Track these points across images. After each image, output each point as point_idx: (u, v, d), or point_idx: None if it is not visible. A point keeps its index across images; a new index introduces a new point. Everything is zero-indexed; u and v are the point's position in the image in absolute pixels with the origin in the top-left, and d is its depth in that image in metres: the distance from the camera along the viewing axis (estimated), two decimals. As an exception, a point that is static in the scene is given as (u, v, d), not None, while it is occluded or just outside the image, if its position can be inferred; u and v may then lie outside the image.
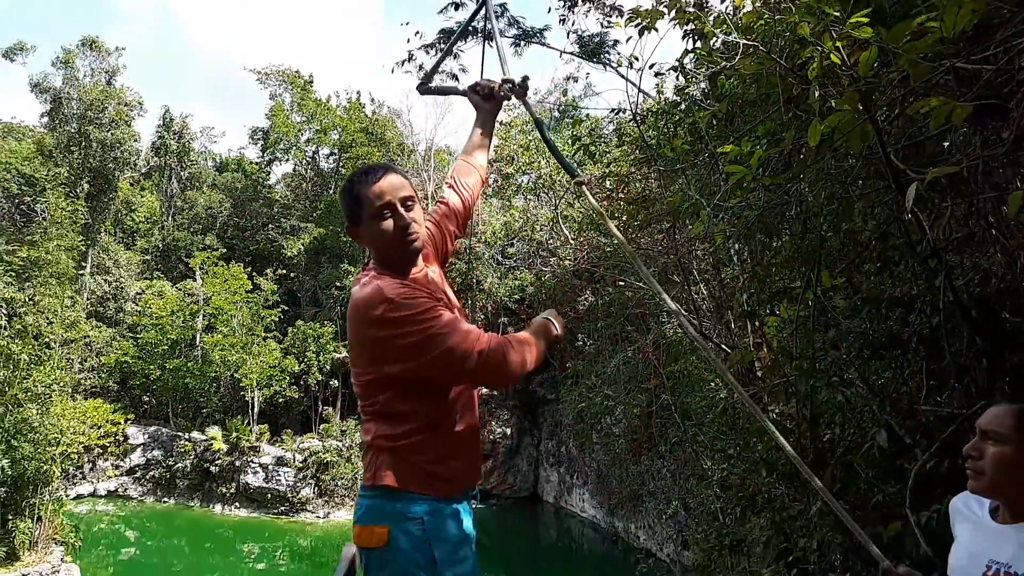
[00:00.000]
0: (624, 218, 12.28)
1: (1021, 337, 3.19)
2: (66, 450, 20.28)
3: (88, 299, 33.81)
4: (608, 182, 14.01)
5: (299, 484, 30.30)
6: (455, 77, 10.91)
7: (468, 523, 2.13)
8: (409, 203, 2.13)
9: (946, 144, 4.01)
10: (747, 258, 9.57)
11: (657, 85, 11.42)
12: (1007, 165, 3.18)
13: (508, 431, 34.54)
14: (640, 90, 5.74)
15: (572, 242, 21.21)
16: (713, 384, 12.60)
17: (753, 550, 7.95)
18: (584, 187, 2.56)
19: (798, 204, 4.09)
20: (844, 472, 3.55)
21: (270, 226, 42.43)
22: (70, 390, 22.05)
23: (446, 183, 2.64)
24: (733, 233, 4.50)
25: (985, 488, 1.94)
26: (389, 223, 2.09)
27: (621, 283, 16.78)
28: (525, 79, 2.68)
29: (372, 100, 45.40)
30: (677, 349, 13.90)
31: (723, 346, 8.02)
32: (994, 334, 3.33)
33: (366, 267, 2.17)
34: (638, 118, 6.15)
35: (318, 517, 29.54)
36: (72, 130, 34.77)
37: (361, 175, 2.16)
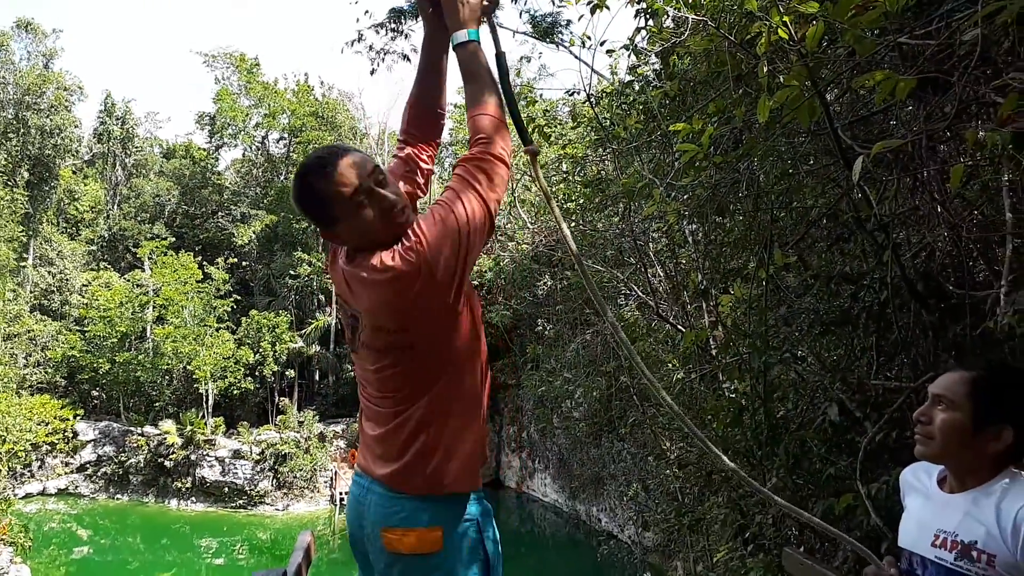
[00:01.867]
0: (581, 201, 12.30)
1: (965, 310, 3.24)
2: (12, 448, 19.68)
3: (31, 292, 32.71)
4: (564, 164, 14.00)
5: (257, 477, 29.90)
6: (406, 58, 10.64)
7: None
8: (380, 176, 1.82)
9: (892, 123, 4.07)
10: (701, 238, 9.67)
11: (611, 65, 11.42)
12: (950, 139, 3.22)
13: (468, 417, 34.53)
14: (593, 70, 5.70)
15: (530, 226, 21.19)
16: (670, 365, 12.75)
17: (711, 528, 8.09)
18: (535, 160, 2.12)
19: (749, 182, 4.11)
20: (798, 447, 3.59)
21: (220, 214, 41.54)
22: (14, 386, 21.35)
23: (399, 137, 2.26)
24: (686, 213, 4.51)
25: (933, 454, 1.94)
26: (369, 211, 1.79)
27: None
28: None
29: (322, 83, 44.86)
30: (634, 331, 14.00)
31: (679, 327, 8.08)
32: (939, 308, 3.39)
33: (353, 256, 1.86)
34: (592, 99, 6.13)
35: (277, 510, 29.21)
36: (9, 116, 33.50)
37: (316, 171, 1.81)
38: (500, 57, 2.12)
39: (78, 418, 30.99)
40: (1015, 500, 1.75)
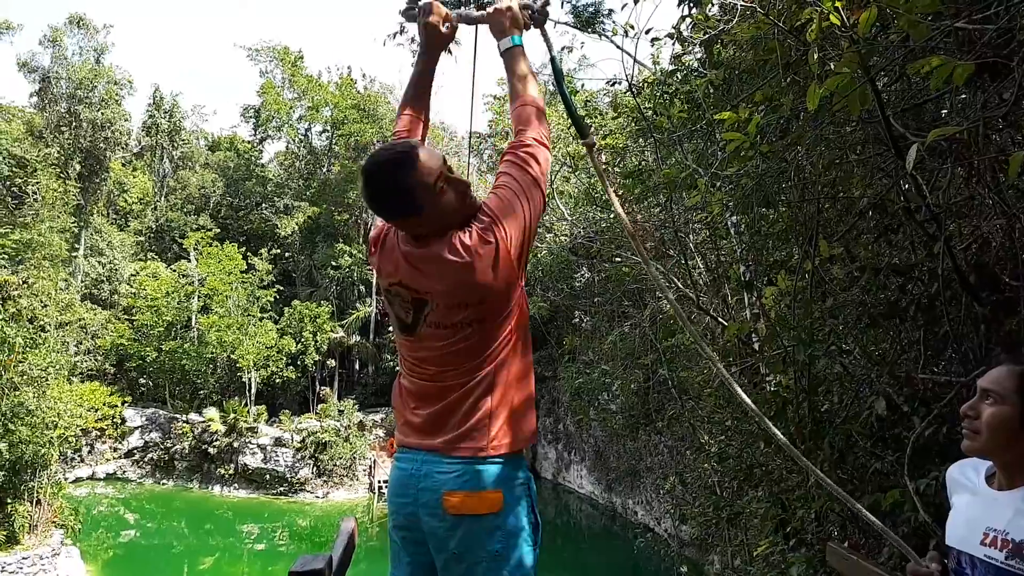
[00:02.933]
0: (620, 192, 12.23)
1: (1019, 303, 3.16)
2: (63, 433, 20.28)
3: (82, 281, 33.68)
4: (604, 155, 13.93)
5: (298, 464, 30.43)
6: (448, 51, 10.70)
7: None
8: (448, 164, 1.96)
9: (944, 112, 3.97)
10: (744, 230, 9.54)
11: (653, 54, 11.29)
12: (1007, 127, 3.13)
13: (506, 409, 34.68)
14: (635, 60, 5.65)
15: (568, 217, 21.13)
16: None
17: (750, 523, 8.00)
18: (592, 151, 2.33)
19: (796, 172, 4.05)
20: (843, 441, 3.53)
21: (263, 205, 42.19)
22: (66, 373, 22.02)
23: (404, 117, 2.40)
24: (730, 203, 4.46)
25: (980, 448, 1.89)
26: (450, 195, 1.92)
27: (618, 259, 16.74)
28: (545, 4, 2.34)
29: (364, 75, 45.24)
30: (673, 324, 13.92)
31: (720, 319, 8.00)
32: (992, 300, 3.31)
33: (423, 240, 1.96)
34: (634, 89, 6.08)
35: (317, 497, 29.70)
36: (62, 110, 34.44)
37: (397, 163, 1.90)
38: (554, 61, 2.46)
39: (126, 405, 31.87)
40: None
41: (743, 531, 8.72)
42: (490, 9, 2.26)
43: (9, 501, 17.96)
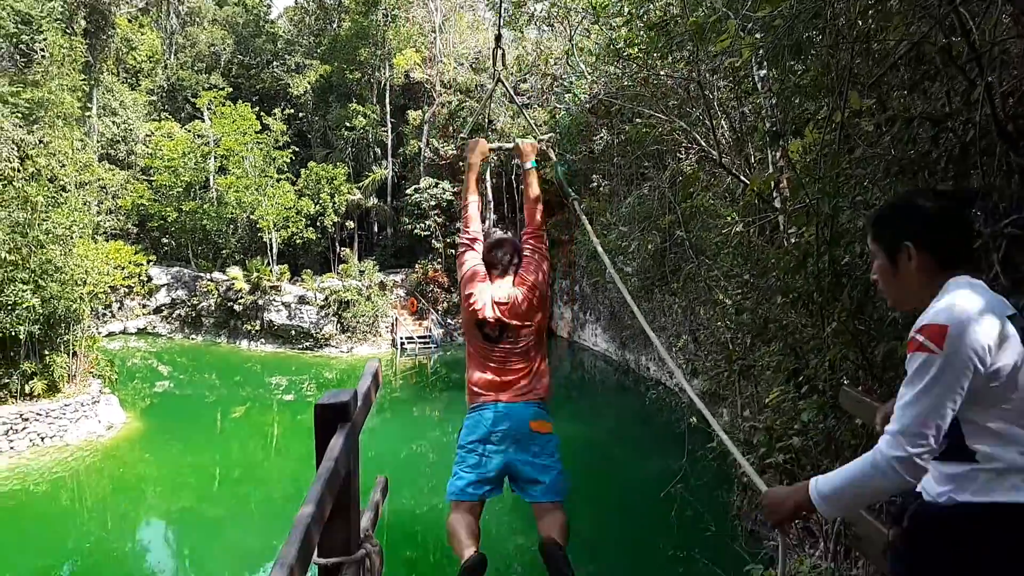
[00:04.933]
0: (643, 46, 11.73)
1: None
2: (93, 289, 20.86)
3: (98, 141, 33.48)
4: (626, 5, 13.25)
5: (322, 321, 31.36)
6: None
7: None
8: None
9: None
10: (770, 83, 9.19)
11: None
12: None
13: (523, 271, 35.13)
14: None
15: (588, 75, 20.41)
16: (728, 219, 12.56)
17: (762, 375, 8.25)
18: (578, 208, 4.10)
19: (831, 12, 3.84)
20: (862, 293, 3.56)
21: (275, 63, 41.05)
22: (90, 232, 22.35)
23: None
24: (761, 48, 4.26)
25: (893, 302, 2.05)
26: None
27: (638, 120, 16.28)
28: (551, 139, 3.87)
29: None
30: (691, 185, 13.75)
31: (741, 177, 7.88)
32: (1029, 150, 3.22)
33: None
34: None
35: (342, 352, 30.81)
36: (61, -40, 32.85)
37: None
38: (557, 167, 4.54)
39: (151, 263, 32.57)
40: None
41: (754, 384, 9.00)
42: (519, 144, 3.83)
43: (47, 353, 18.79)
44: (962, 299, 1.74)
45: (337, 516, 2.32)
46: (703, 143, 9.61)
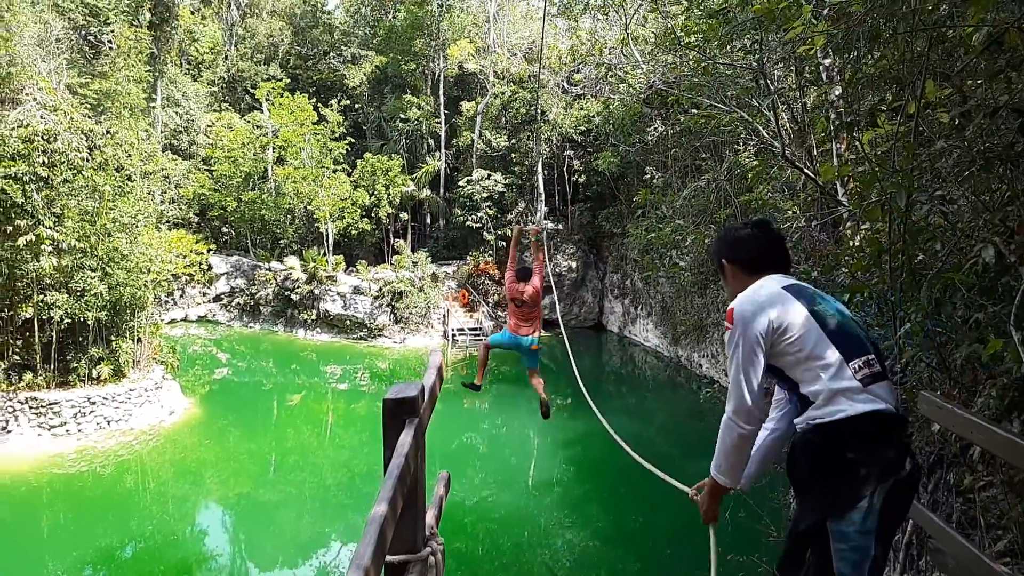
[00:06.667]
0: (701, 35, 11.43)
1: None
2: (156, 277, 21.46)
3: (161, 132, 34.45)
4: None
5: (375, 312, 31.74)
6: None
7: None
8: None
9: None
10: (836, 74, 8.86)
11: None
12: None
13: (573, 264, 34.95)
14: None
15: (644, 66, 20.05)
16: (790, 213, 12.19)
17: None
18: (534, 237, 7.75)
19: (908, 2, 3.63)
20: (940, 292, 3.37)
21: (331, 55, 41.59)
22: (154, 221, 23.01)
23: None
24: (836, 34, 4.06)
25: (729, 301, 2.61)
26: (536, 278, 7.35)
27: (695, 110, 15.92)
28: (547, 224, 6.80)
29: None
30: (750, 179, 13.42)
31: (806, 171, 7.61)
32: None
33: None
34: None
35: (395, 342, 31.13)
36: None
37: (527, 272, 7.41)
38: (542, 233, 8.00)
39: (211, 252, 33.41)
40: None
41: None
42: (537, 227, 8.53)
43: (113, 338, 19.42)
44: (752, 289, 2.50)
45: (406, 514, 2.29)
46: (765, 134, 9.32)
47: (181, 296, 33.53)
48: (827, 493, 2.31)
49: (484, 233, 34.51)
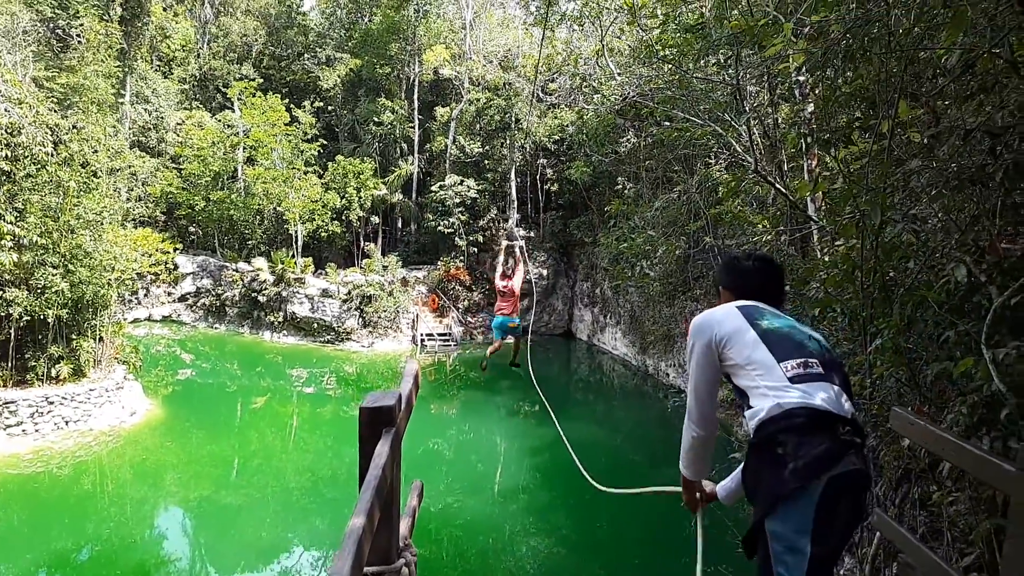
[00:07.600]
0: (675, 48, 11.56)
1: None
2: (120, 276, 21.02)
3: (130, 128, 33.85)
4: (660, 7, 13.11)
5: (344, 315, 31.45)
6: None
7: None
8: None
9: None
10: (809, 91, 9.01)
11: None
12: None
13: (544, 272, 35.04)
14: None
15: (618, 77, 20.23)
16: (760, 226, 12.37)
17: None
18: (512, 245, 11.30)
19: (889, 21, 3.70)
20: (913, 308, 3.43)
21: (305, 56, 41.28)
22: (120, 218, 22.55)
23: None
24: (815, 52, 4.12)
25: None
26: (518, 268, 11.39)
27: (668, 123, 16.09)
28: (519, 236, 12.53)
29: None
30: (721, 192, 13.57)
31: (778, 186, 7.72)
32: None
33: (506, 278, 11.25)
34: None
35: (363, 346, 30.85)
36: (99, -52, 33.24)
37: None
38: (521, 250, 11.55)
39: (177, 251, 32.83)
40: None
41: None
42: (513, 242, 11.62)
43: (74, 337, 18.96)
44: (716, 309, 2.72)
45: (382, 525, 2.25)
46: (737, 148, 9.44)
47: (145, 295, 32.91)
48: (761, 490, 2.40)
49: (456, 239, 34.44)
